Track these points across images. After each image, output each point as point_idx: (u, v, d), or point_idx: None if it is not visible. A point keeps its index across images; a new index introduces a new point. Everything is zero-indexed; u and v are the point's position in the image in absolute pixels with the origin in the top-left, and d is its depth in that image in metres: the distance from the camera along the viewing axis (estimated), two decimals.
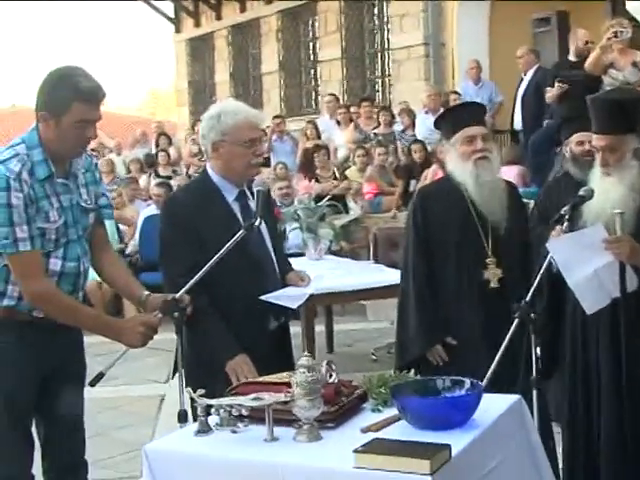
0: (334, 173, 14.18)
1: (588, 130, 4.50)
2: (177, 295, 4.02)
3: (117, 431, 7.30)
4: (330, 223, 9.57)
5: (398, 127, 15.07)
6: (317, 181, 13.49)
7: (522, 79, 13.11)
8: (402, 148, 14.50)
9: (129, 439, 7.05)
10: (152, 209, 12.99)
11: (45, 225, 3.99)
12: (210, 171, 4.50)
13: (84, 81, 3.97)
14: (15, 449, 4.12)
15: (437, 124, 5.29)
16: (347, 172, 14.19)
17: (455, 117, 5.07)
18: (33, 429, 4.29)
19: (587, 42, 10.98)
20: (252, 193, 4.46)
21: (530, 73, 12.92)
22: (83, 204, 4.16)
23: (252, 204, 4.45)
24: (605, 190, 4.24)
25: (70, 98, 3.92)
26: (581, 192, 4.24)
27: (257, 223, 4.17)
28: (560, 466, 4.58)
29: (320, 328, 8.71)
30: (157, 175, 15.94)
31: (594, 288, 4.15)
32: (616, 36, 10.17)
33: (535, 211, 4.76)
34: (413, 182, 13.22)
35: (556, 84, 11.02)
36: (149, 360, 8.62)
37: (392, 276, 7.87)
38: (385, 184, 13.72)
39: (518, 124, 13.01)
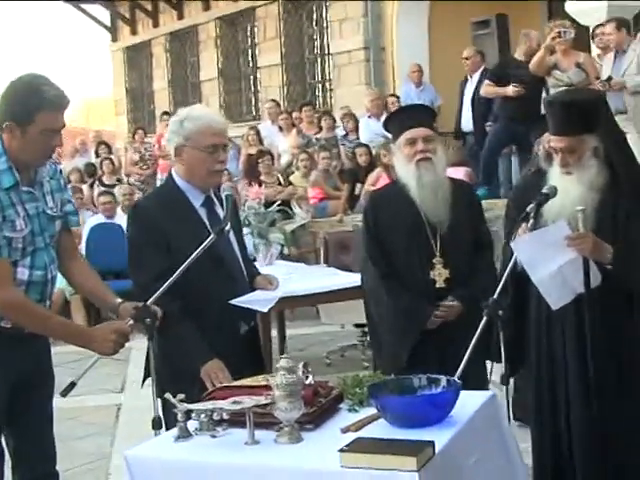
0: (278, 179, 14.19)
1: None
2: (148, 302, 4.00)
3: (76, 441, 7.23)
4: (280, 228, 9.58)
5: (340, 131, 15.11)
6: (259, 186, 13.47)
7: (467, 81, 13.24)
8: (345, 152, 14.55)
9: (89, 449, 7.03)
10: (98, 218, 12.93)
11: (12, 234, 3.95)
12: (175, 176, 4.50)
13: (50, 90, 3.95)
14: None
15: (386, 127, 5.37)
16: (291, 177, 14.21)
17: (399, 120, 5.14)
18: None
19: (539, 44, 11.11)
20: (219, 198, 4.46)
21: (477, 75, 13.07)
22: (49, 212, 4.13)
23: (218, 209, 4.46)
24: (565, 189, 4.28)
25: (36, 108, 3.90)
26: (545, 190, 4.28)
27: (227, 228, 4.18)
28: (529, 464, 4.62)
29: (272, 333, 8.73)
30: (102, 184, 15.81)
31: (558, 284, 4.20)
32: (560, 36, 10.31)
33: (508, 210, 4.80)
34: (359, 186, 13.26)
35: (511, 86, 11.15)
36: (103, 370, 8.55)
37: (347, 279, 7.93)
38: (330, 188, 13.75)
39: (466, 126, 13.12)
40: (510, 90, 11.23)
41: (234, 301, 4.33)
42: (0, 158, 3.96)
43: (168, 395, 3.60)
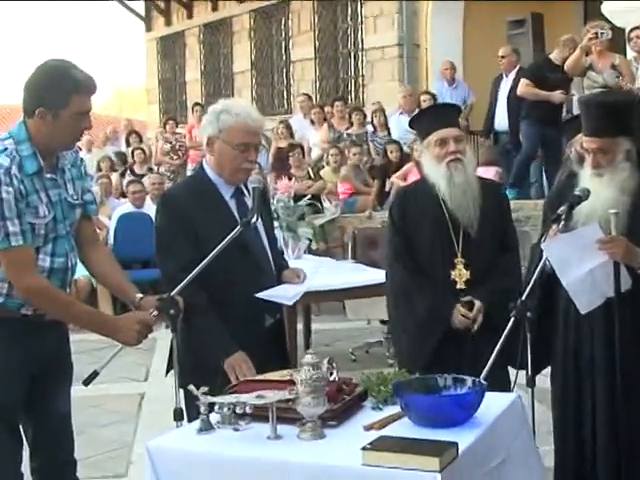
0: (308, 172, 14.18)
1: None
2: (173, 292, 3.99)
3: (99, 429, 7.25)
4: (310, 222, 9.58)
5: (370, 127, 15.08)
6: (289, 180, 13.46)
7: (502, 79, 13.16)
8: (375, 148, 14.51)
9: (112, 437, 7.04)
10: (127, 207, 12.94)
11: (35, 220, 3.94)
12: (206, 166, 4.48)
13: (79, 73, 3.95)
14: (5, 449, 4.07)
15: (412, 125, 5.34)
16: (322, 172, 14.20)
17: (428, 119, 5.10)
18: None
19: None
20: (248, 190, 4.44)
21: (512, 74, 12.98)
22: (70, 199, 4.11)
23: (248, 201, 4.43)
24: (595, 191, 4.25)
25: (69, 91, 3.89)
26: (577, 192, 4.25)
27: (254, 220, 4.16)
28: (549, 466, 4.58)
29: (298, 327, 8.72)
30: (133, 173, 15.84)
31: (588, 288, 4.17)
32: (597, 37, 10.24)
33: (545, 214, 4.77)
34: (388, 182, 13.24)
35: (559, 92, 11.09)
36: (127, 358, 8.57)
37: (375, 275, 7.90)
38: (360, 184, 13.72)
39: (500, 125, 13.03)
40: (557, 96, 11.18)
41: (260, 294, 4.30)
42: (24, 144, 3.93)
43: (191, 387, 3.59)
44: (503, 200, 5.27)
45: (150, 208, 12.75)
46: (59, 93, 3.89)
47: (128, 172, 16.26)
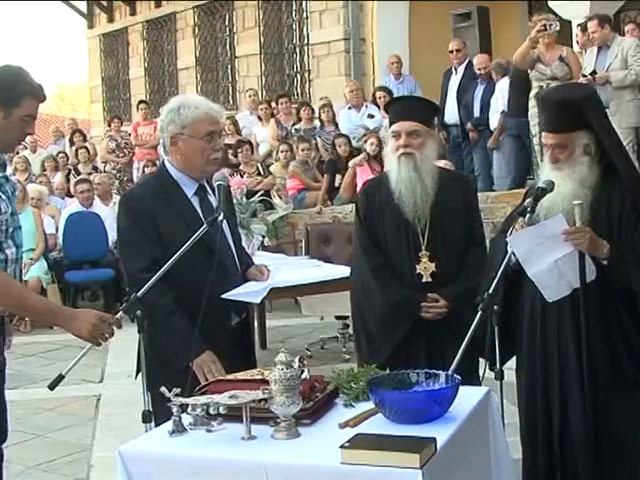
0: (258, 169, 14.11)
1: None
2: (139, 293, 3.93)
3: (57, 433, 7.17)
4: (263, 219, 9.54)
5: (318, 123, 15.04)
6: (241, 176, 13.41)
7: (452, 73, 13.25)
8: (323, 144, 14.47)
9: (70, 441, 6.96)
10: (75, 207, 12.82)
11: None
12: (168, 165, 4.43)
13: (34, 80, 4.05)
14: None
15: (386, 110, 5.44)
16: (271, 168, 14.15)
17: (392, 110, 5.16)
18: None
19: None
20: (212, 187, 4.39)
21: (462, 67, 13.13)
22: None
23: (212, 198, 4.40)
24: (556, 185, 4.26)
25: (25, 92, 3.97)
26: (542, 184, 4.26)
27: (220, 218, 4.11)
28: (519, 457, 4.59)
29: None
30: (77, 172, 15.69)
31: (555, 278, 4.18)
32: (545, 29, 10.29)
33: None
34: (338, 177, 13.21)
35: None
36: (82, 360, 8.46)
37: (330, 271, 7.91)
38: (309, 179, 13.68)
39: (450, 118, 13.08)
40: None
41: (226, 295, 4.25)
42: None
43: (163, 389, 3.53)
44: (471, 193, 5.28)
45: (99, 207, 12.66)
46: (15, 92, 3.95)
47: (72, 172, 16.09)
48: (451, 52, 13.34)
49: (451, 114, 13.04)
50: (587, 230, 4.12)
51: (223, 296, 4.24)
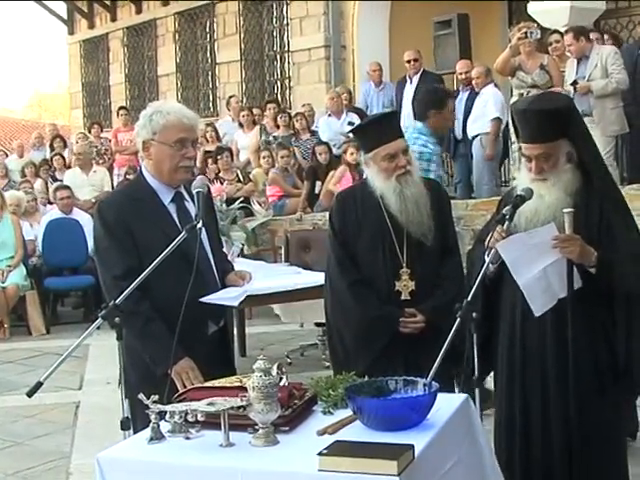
0: (237, 175, 14.10)
1: None
2: (117, 300, 3.92)
3: (36, 440, 7.14)
4: (243, 226, 9.54)
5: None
6: (221, 183, 13.43)
7: (406, 82, 13.37)
8: (300, 152, 14.44)
9: (49, 448, 6.93)
10: (55, 213, 12.78)
11: None
12: (145, 172, 4.42)
13: None
14: None
15: (355, 134, 5.30)
16: (253, 174, 14.12)
17: (374, 132, 4.96)
18: None
19: None
20: (190, 194, 4.37)
21: (417, 77, 13.28)
22: None
23: (189, 205, 4.39)
24: (540, 195, 4.26)
25: None
26: (520, 192, 4.26)
27: (199, 225, 4.10)
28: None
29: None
30: (54, 179, 15.64)
31: (542, 288, 4.17)
32: (526, 37, 10.32)
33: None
34: (318, 184, 13.21)
35: None
36: (60, 367, 8.42)
37: (310, 278, 7.90)
38: (289, 186, 13.68)
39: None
40: None
41: (204, 299, 4.24)
42: None
43: (141, 396, 3.52)
44: (445, 202, 5.24)
45: (79, 214, 12.62)
46: None
47: (50, 179, 16.03)
48: (408, 62, 13.43)
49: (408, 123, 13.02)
50: (577, 238, 4.12)
51: (202, 300, 4.23)
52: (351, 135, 13.44)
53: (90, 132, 17.98)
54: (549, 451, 4.30)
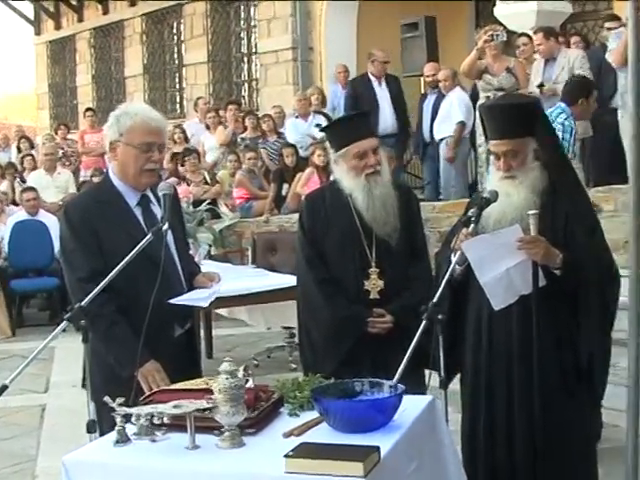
0: (204, 177, 14.06)
1: None
2: (83, 303, 3.90)
3: (1, 443, 7.11)
4: (210, 228, 9.53)
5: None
6: (188, 185, 13.40)
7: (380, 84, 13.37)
8: (267, 154, 14.41)
9: (15, 451, 6.90)
10: (21, 215, 12.72)
11: None
12: (112, 175, 4.40)
13: None
14: None
15: (327, 132, 5.31)
16: (219, 174, 14.08)
17: (345, 130, 5.00)
18: None
19: None
20: (157, 197, 4.36)
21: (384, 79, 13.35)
22: None
23: (155, 208, 4.37)
24: (507, 194, 4.28)
25: None
26: (485, 194, 4.28)
27: (165, 228, 4.08)
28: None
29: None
30: (22, 180, 15.54)
31: (504, 286, 4.21)
32: (492, 39, 10.36)
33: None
34: (285, 186, 13.20)
35: None
36: (26, 369, 8.37)
37: (278, 280, 7.90)
38: (255, 188, 13.65)
39: (386, 129, 13.07)
40: None
41: (173, 300, 4.23)
42: None
43: (107, 398, 3.51)
44: (414, 204, 5.24)
45: (45, 216, 12.56)
46: None
47: (18, 180, 15.92)
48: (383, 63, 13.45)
49: (386, 126, 13.08)
50: (542, 240, 4.14)
51: (171, 301, 4.21)
52: (320, 135, 13.58)
53: (57, 133, 17.88)
54: (513, 450, 4.32)
